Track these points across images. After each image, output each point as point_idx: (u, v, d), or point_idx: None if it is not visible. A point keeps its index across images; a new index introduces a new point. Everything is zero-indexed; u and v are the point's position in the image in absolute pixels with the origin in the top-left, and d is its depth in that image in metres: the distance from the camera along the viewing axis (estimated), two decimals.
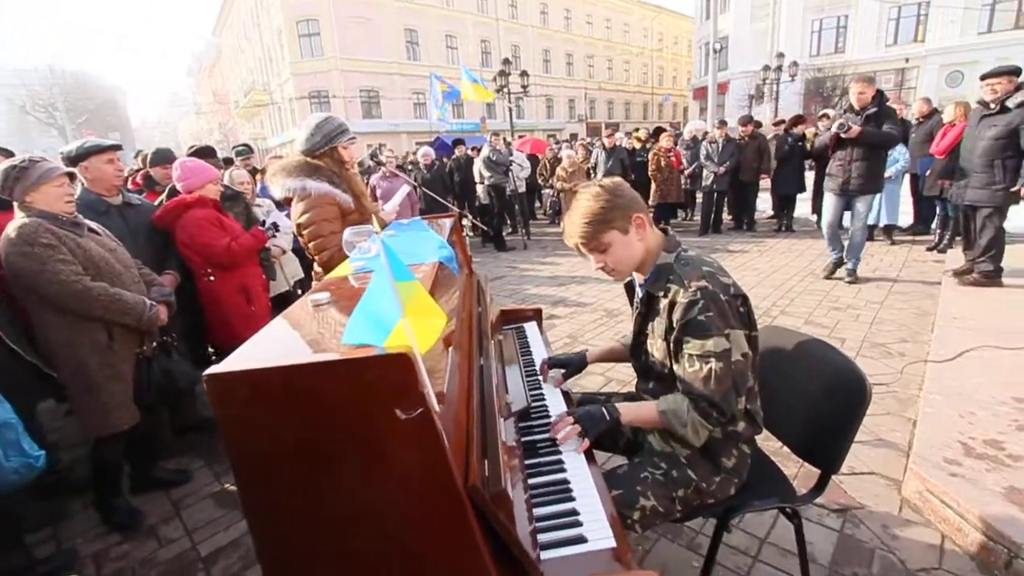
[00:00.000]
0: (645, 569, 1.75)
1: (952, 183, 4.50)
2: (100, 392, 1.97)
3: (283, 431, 0.70)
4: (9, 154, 3.00)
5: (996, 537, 1.68)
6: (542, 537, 1.00)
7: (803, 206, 7.86)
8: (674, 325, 1.25)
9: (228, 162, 5.55)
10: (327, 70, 24.88)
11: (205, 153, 3.68)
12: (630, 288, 1.55)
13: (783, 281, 5.11)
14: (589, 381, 3.16)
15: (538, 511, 1.06)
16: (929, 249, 5.88)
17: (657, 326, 1.33)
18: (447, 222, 2.05)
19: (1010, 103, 3.74)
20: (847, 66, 23.69)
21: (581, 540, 0.98)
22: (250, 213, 3.39)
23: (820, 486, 1.40)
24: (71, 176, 2.03)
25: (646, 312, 1.38)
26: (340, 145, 2.14)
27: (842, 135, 4.20)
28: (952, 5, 22.59)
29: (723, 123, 8.06)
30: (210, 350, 3.82)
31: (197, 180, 2.70)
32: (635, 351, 1.47)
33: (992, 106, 3.85)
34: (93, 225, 2.14)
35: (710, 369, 1.19)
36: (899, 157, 5.97)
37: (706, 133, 7.99)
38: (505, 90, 14.86)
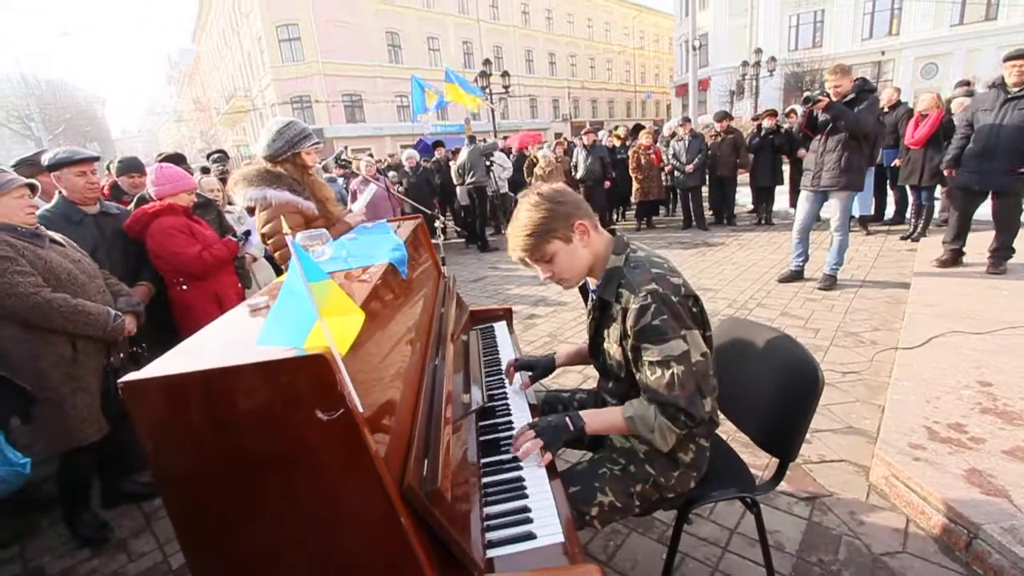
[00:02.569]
0: (606, 563, 1.77)
1: (954, 171, 4.26)
2: (64, 405, 1.94)
3: (204, 438, 0.70)
4: None
5: (956, 519, 1.72)
6: (492, 535, 1.00)
7: (783, 199, 7.95)
8: (628, 332, 1.22)
9: (205, 171, 5.50)
10: (309, 75, 24.71)
11: (175, 160, 3.63)
12: (584, 289, 1.54)
13: (761, 274, 5.17)
14: (566, 379, 3.18)
15: (489, 509, 1.07)
16: (903, 238, 5.98)
17: (612, 331, 1.32)
18: (410, 224, 2.04)
19: None
20: (825, 60, 24.00)
21: (530, 537, 0.99)
22: (223, 220, 3.36)
23: (778, 475, 1.42)
24: (32, 188, 2.01)
25: (600, 316, 1.37)
26: (303, 151, 2.13)
27: (812, 109, 4.09)
28: None
29: (687, 120, 8.14)
30: None
31: (171, 188, 2.67)
32: (593, 352, 1.47)
33: (1018, 89, 3.71)
34: (57, 236, 2.12)
35: (672, 374, 1.17)
36: None
37: (674, 133, 8.05)
38: (487, 91, 14.84)
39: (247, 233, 3.11)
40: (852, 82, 4.02)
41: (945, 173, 4.14)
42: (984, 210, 4.31)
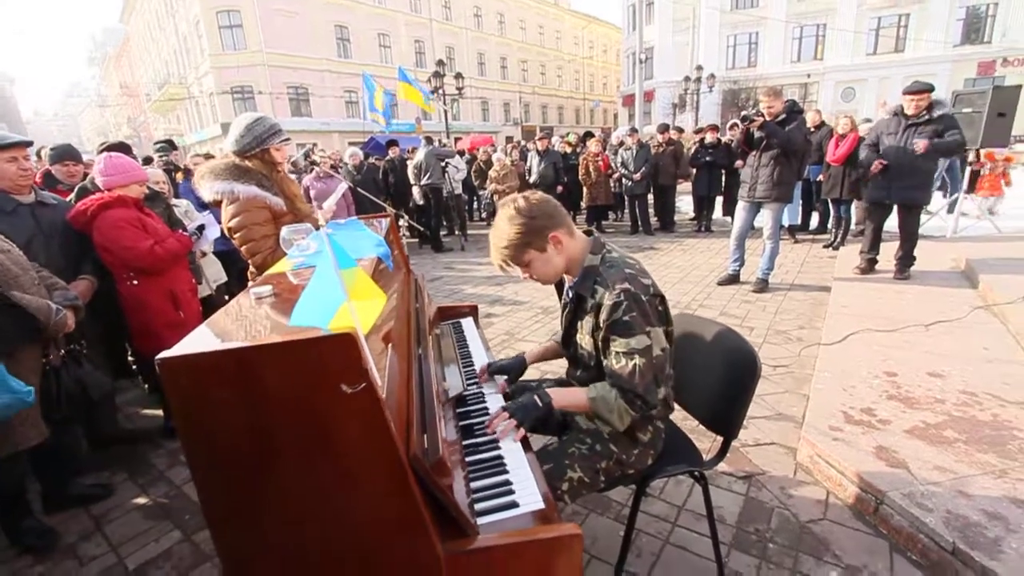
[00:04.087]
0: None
1: (865, 185, 4.84)
2: None
3: (237, 413, 0.76)
4: None
5: (867, 488, 1.98)
6: (479, 506, 1.10)
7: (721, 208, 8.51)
8: (600, 325, 1.37)
9: (148, 161, 5.23)
10: (251, 64, 23.65)
11: (122, 150, 3.45)
12: (560, 285, 1.68)
13: (702, 277, 5.54)
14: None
15: (475, 484, 1.17)
16: (825, 246, 6.58)
17: (586, 323, 1.46)
18: (383, 222, 2.10)
19: (934, 113, 4.21)
20: (759, 79, 25.76)
21: (514, 505, 1.10)
22: (172, 214, 3.25)
23: (723, 452, 1.60)
24: None
25: (575, 309, 1.51)
26: (272, 147, 2.13)
27: (748, 127, 4.49)
28: (844, 28, 25.19)
29: (634, 130, 8.57)
30: (130, 359, 3.62)
31: (121, 179, 2.56)
32: (566, 342, 1.61)
33: (921, 115, 4.25)
34: None
35: (634, 365, 1.32)
36: None
37: (622, 142, 8.45)
38: (440, 91, 14.84)
39: (200, 228, 3.03)
40: (783, 103, 4.44)
41: (872, 170, 4.55)
42: (890, 222, 4.87)
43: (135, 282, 2.55)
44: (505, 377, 1.72)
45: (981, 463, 2.05)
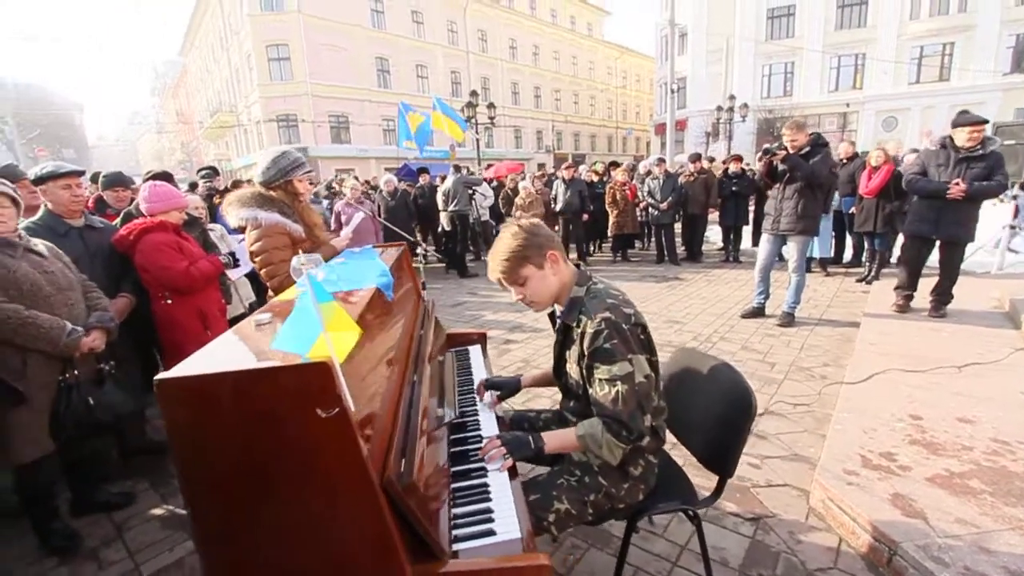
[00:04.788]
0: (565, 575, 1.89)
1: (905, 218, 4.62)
2: (5, 418, 1.90)
3: (223, 430, 0.83)
4: None
5: (880, 538, 1.90)
6: (458, 531, 1.13)
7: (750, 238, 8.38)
8: (584, 353, 1.41)
9: (193, 187, 5.58)
10: (296, 94, 24.96)
11: (163, 178, 3.72)
12: (553, 316, 1.73)
13: (726, 309, 5.45)
14: (536, 404, 3.31)
15: (457, 510, 1.20)
16: (859, 280, 6.37)
17: (573, 352, 1.50)
18: (395, 251, 2.20)
19: (987, 149, 4.04)
20: (795, 108, 25.44)
21: (491, 533, 1.12)
22: (207, 238, 3.46)
23: (718, 491, 1.58)
24: (10, 198, 2.00)
25: (563, 340, 1.56)
26: (295, 178, 2.28)
27: (771, 160, 4.45)
28: (884, 59, 24.75)
29: (662, 160, 8.59)
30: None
31: (163, 206, 2.77)
32: (557, 372, 1.65)
33: (975, 150, 4.06)
34: (40, 247, 2.13)
35: (617, 391, 1.34)
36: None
37: (649, 171, 8.48)
38: (472, 121, 15.28)
39: (232, 255, 3.21)
40: (807, 136, 4.40)
41: (951, 194, 4.11)
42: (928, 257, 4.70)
43: (168, 301, 2.72)
44: (498, 393, 1.77)
45: (1008, 517, 1.94)
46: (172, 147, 48.74)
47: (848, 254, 7.34)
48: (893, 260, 6.40)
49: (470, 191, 7.96)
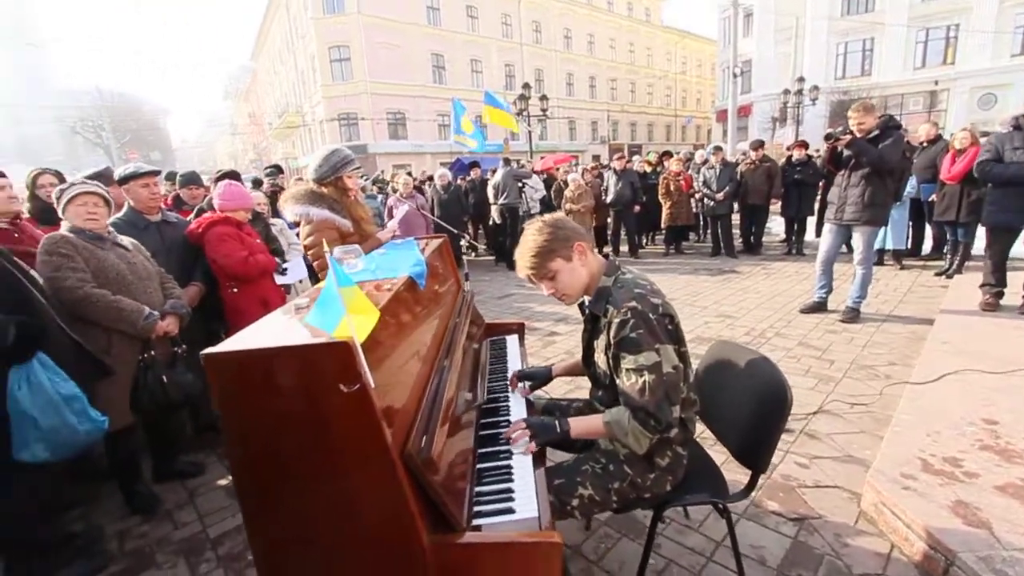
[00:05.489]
0: (596, 562, 1.92)
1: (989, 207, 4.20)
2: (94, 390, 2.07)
3: (259, 400, 0.93)
4: (60, 177, 3.38)
5: (936, 546, 1.78)
6: (479, 508, 1.19)
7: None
8: (611, 342, 1.42)
9: (257, 183, 5.99)
10: (356, 93, 25.94)
11: (233, 177, 4.03)
12: (582, 306, 1.73)
13: (784, 304, 5.19)
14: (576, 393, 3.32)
15: (480, 488, 1.26)
16: (938, 274, 5.87)
17: (600, 342, 1.51)
18: (436, 242, 2.29)
19: None
20: (874, 88, 23.55)
21: (509, 511, 1.17)
22: (269, 231, 3.73)
23: (750, 486, 1.55)
24: (103, 198, 2.26)
25: (592, 330, 1.57)
26: (345, 175, 2.42)
27: (835, 146, 4.17)
28: (983, 29, 22.33)
29: (719, 148, 8.22)
30: None
31: (232, 204, 3.02)
32: (586, 362, 1.66)
33: None
34: (125, 241, 2.39)
35: (644, 381, 1.34)
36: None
37: (706, 160, 8.15)
38: (525, 113, 15.29)
39: (282, 262, 3.46)
40: (876, 119, 4.08)
41: None
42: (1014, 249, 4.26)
43: (235, 290, 2.96)
44: (529, 383, 1.82)
45: None
46: (245, 147, 52.13)
47: (927, 245, 6.77)
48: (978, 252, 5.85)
49: (520, 184, 8.00)
